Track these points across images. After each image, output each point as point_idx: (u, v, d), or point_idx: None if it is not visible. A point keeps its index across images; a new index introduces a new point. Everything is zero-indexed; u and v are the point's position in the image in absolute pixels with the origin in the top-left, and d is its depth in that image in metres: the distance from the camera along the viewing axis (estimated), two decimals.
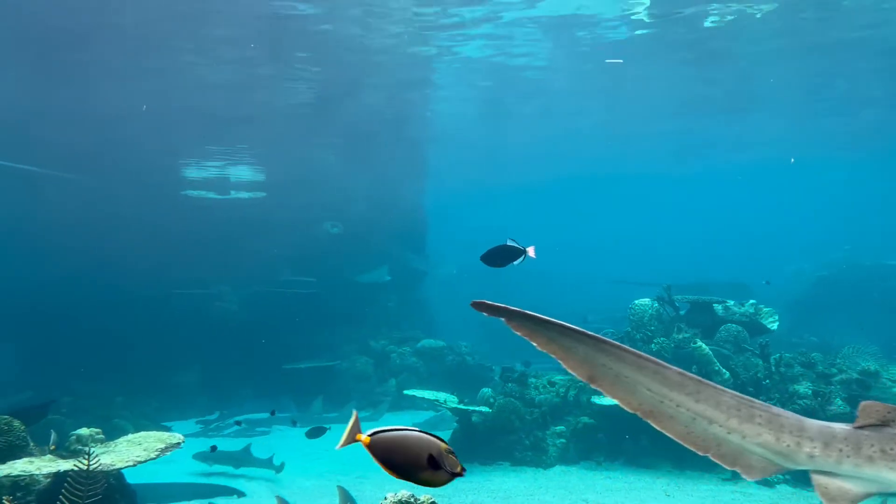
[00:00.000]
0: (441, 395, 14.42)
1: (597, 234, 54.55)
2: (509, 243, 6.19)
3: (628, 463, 12.84)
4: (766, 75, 21.61)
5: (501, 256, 6.14)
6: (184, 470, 12.52)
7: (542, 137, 30.04)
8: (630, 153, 36.57)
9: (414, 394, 15.16)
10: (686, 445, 2.97)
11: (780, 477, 11.53)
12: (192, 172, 24.64)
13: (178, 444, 6.53)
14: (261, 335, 20.44)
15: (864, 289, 26.13)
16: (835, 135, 31.48)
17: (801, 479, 11.39)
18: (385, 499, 5.44)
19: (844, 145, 33.93)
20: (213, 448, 12.46)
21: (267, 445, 15.92)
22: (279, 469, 13.00)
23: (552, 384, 14.62)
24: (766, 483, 11.46)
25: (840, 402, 12.16)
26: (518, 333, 3.11)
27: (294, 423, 16.47)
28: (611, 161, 39.49)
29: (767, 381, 12.82)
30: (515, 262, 6.11)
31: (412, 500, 5.39)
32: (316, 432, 10.68)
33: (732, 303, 14.93)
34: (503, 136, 30.71)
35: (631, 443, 13.00)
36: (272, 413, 15.11)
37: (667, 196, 51.84)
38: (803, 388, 12.54)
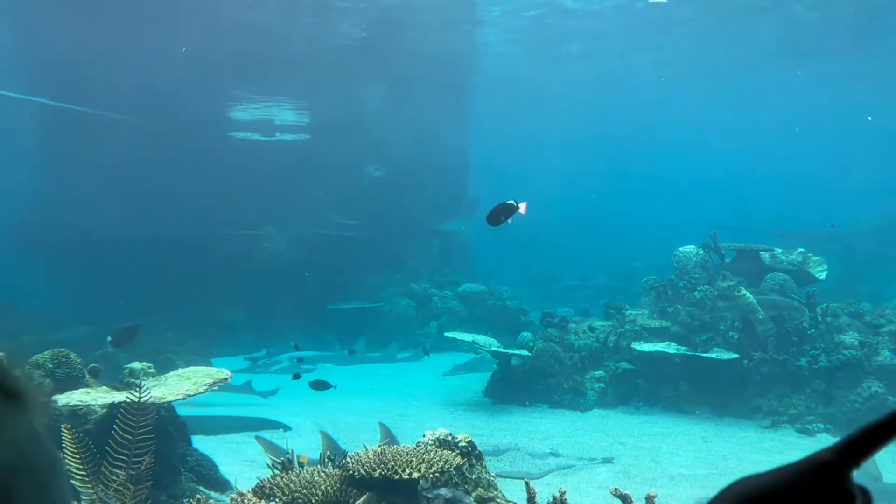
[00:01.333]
0: (481, 338, 14.60)
1: (646, 182, 53.45)
2: (509, 202, 6.22)
3: (667, 408, 12.90)
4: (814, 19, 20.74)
5: (499, 215, 6.17)
6: (232, 402, 13.04)
7: (588, 83, 29.58)
8: (679, 98, 35.76)
9: (454, 336, 15.38)
10: None
11: (821, 426, 11.49)
12: (238, 114, 24.85)
13: (226, 379, 6.78)
14: (306, 276, 20.87)
15: None
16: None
17: (840, 429, 11.31)
18: (424, 435, 5.61)
19: None
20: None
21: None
22: (323, 405, 13.44)
23: (592, 330, 14.65)
24: (806, 432, 11.43)
25: (888, 353, 11.94)
26: None
27: (351, 352, 17.23)
28: (661, 106, 38.61)
29: (812, 330, 12.61)
30: (508, 221, 6.14)
31: (450, 437, 5.53)
32: (320, 385, 10.79)
33: (780, 251, 14.61)
34: (549, 80, 30.22)
35: (670, 388, 13.03)
36: (350, 351, 15.11)
37: (721, 142, 50.44)
38: (849, 338, 12.33)
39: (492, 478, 5.51)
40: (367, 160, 24.13)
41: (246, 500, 5.01)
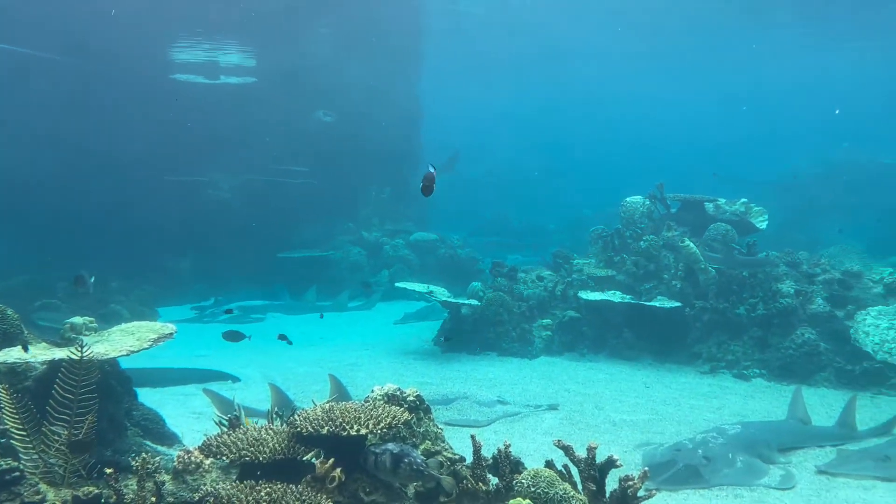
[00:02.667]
0: (432, 288, 14.68)
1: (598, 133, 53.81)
2: (430, 169, 6.21)
3: (611, 355, 13.28)
4: None
5: (429, 185, 6.17)
6: (179, 355, 12.90)
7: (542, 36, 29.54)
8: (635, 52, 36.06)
9: (406, 286, 15.43)
10: None
11: (756, 371, 11.99)
12: (180, 55, 23.89)
13: (171, 334, 6.65)
14: (254, 223, 20.54)
15: (857, 187, 26.12)
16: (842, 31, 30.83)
17: (775, 374, 11.84)
18: (372, 391, 5.64)
19: (851, 38, 33.18)
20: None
21: (261, 332, 16.36)
22: (273, 355, 13.43)
23: (541, 279, 14.87)
24: (743, 377, 11.92)
25: (821, 301, 12.44)
26: None
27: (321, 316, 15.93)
28: (614, 59, 38.73)
29: (751, 279, 13.03)
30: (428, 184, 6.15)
31: (398, 392, 5.58)
32: (233, 336, 10.47)
33: (724, 201, 14.95)
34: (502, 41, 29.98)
35: (615, 336, 13.40)
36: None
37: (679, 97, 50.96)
38: (786, 286, 12.79)
39: (439, 430, 5.60)
40: (316, 105, 23.61)
41: (192, 458, 4.99)
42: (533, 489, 4.69)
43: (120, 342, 6.34)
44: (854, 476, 7.52)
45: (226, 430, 5.15)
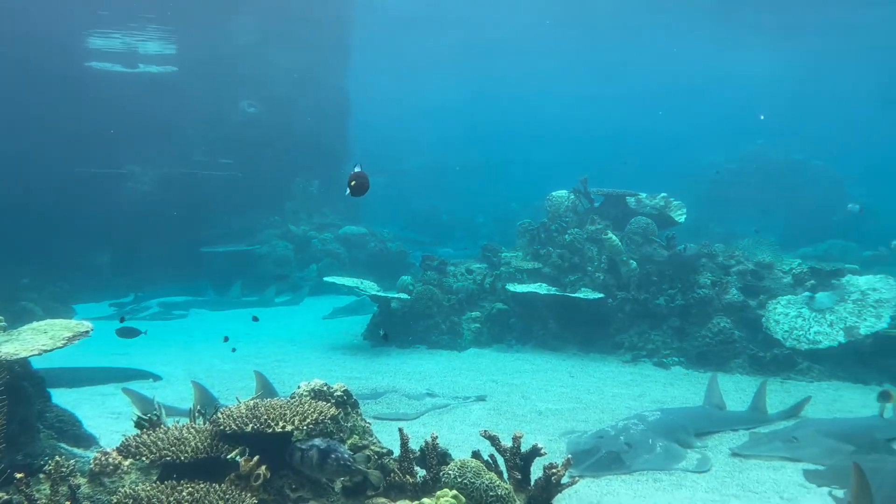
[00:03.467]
0: (361, 282, 14.61)
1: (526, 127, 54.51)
2: (357, 168, 6.11)
3: (538, 346, 13.53)
4: None
5: (361, 185, 6.03)
6: (97, 353, 12.42)
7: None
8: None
9: (335, 280, 15.31)
10: None
11: (675, 359, 12.44)
12: (96, 42, 22.91)
13: (87, 332, 6.41)
14: (176, 217, 19.93)
15: (770, 182, 27.39)
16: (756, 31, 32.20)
17: (692, 362, 12.32)
18: (299, 387, 5.59)
19: (763, 41, 34.71)
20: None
21: (185, 329, 15.94)
22: (196, 352, 13.10)
23: (470, 272, 15.00)
24: (662, 365, 12.35)
25: (735, 292, 13.00)
26: None
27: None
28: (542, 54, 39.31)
29: (670, 271, 13.51)
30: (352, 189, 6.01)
31: (325, 388, 5.55)
32: (127, 332, 10.02)
33: (645, 195, 15.41)
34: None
35: (541, 327, 13.65)
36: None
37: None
38: (703, 277, 13.31)
39: (367, 425, 5.60)
40: (240, 95, 23.08)
41: (110, 460, 4.84)
42: (460, 480, 4.75)
43: (31, 341, 6.07)
44: (765, 457, 7.92)
45: (146, 429, 5.00)
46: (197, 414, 5.40)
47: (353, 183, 5.87)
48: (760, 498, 6.91)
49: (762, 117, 29.60)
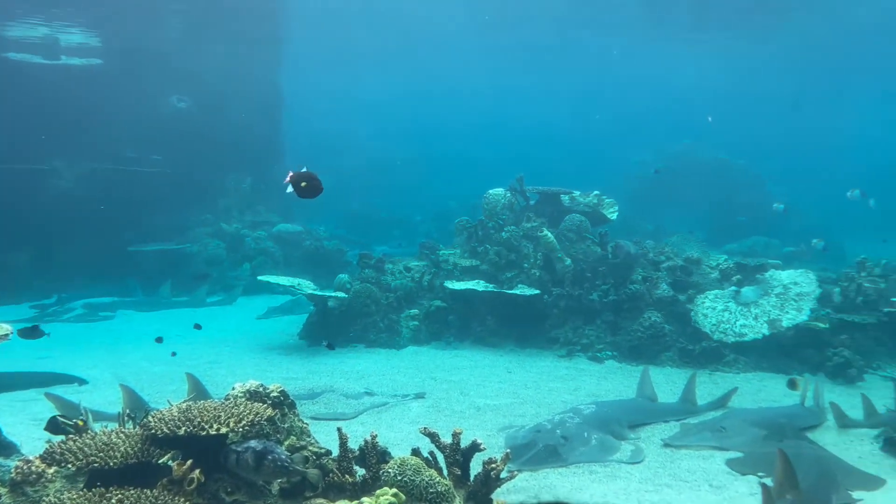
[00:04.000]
0: (297, 281, 14.39)
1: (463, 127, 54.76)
2: (303, 169, 5.98)
3: (476, 342, 13.61)
4: None
5: (314, 186, 5.89)
6: (18, 357, 11.85)
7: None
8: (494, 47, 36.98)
9: (269, 279, 15.03)
10: None
11: (608, 353, 12.72)
12: (13, 32, 21.83)
13: (6, 335, 6.12)
14: (102, 215, 19.20)
15: (696, 180, 28.29)
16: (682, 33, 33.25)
17: (625, 355, 12.62)
18: (233, 388, 5.46)
19: (690, 43, 35.88)
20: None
21: (111, 330, 15.38)
22: (124, 354, 12.65)
23: (408, 270, 14.97)
24: (596, 359, 12.60)
25: (665, 287, 13.38)
26: None
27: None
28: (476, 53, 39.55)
29: (603, 267, 13.81)
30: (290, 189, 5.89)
31: (261, 388, 5.44)
32: (29, 333, 9.04)
33: (578, 193, 15.70)
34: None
35: (479, 324, 13.74)
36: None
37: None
38: (635, 273, 13.65)
39: (305, 425, 5.51)
40: (169, 90, 22.39)
41: (33, 468, 4.62)
42: (400, 478, 4.74)
43: None
44: (695, 447, 8.18)
45: (71, 435, 4.79)
46: (126, 418, 5.21)
47: (304, 185, 5.69)
48: (691, 487, 7.14)
49: (710, 119, 30.42)
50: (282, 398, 5.46)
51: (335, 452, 5.17)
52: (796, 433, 8.45)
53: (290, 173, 5.79)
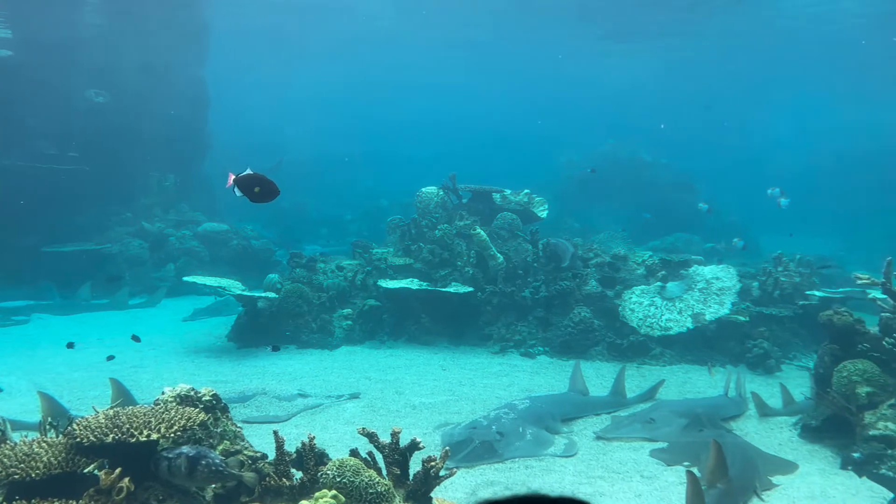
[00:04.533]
0: (225, 281, 14.03)
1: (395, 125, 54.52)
2: (249, 171, 5.74)
3: (410, 341, 13.58)
4: None
5: (268, 190, 5.65)
6: None
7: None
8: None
9: (195, 280, 14.60)
10: None
11: (540, 349, 12.92)
12: None
13: None
14: (14, 214, 18.21)
15: (620, 179, 29.02)
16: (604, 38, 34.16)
17: (557, 351, 12.84)
18: (163, 393, 5.27)
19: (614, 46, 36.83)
20: None
21: (26, 336, 14.63)
22: (41, 360, 12.04)
23: (341, 269, 14.81)
24: (529, 355, 12.78)
25: (594, 283, 13.69)
26: None
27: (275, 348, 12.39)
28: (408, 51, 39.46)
29: (535, 263, 14.02)
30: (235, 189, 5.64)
31: (192, 392, 5.27)
32: None
33: (510, 192, 15.88)
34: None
35: (413, 322, 13.71)
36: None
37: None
38: (565, 270, 13.89)
39: (238, 429, 5.37)
40: (86, 84, 21.41)
41: None
42: (339, 479, 4.67)
43: None
44: (625, 439, 8.40)
45: None
46: (48, 426, 4.95)
47: (257, 190, 5.40)
48: (623, 478, 7.32)
49: (662, 126, 31.05)
50: (214, 402, 5.31)
51: (271, 456, 5.06)
52: (721, 423, 8.78)
53: (231, 175, 5.53)
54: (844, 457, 7.68)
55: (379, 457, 5.29)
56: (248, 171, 5.54)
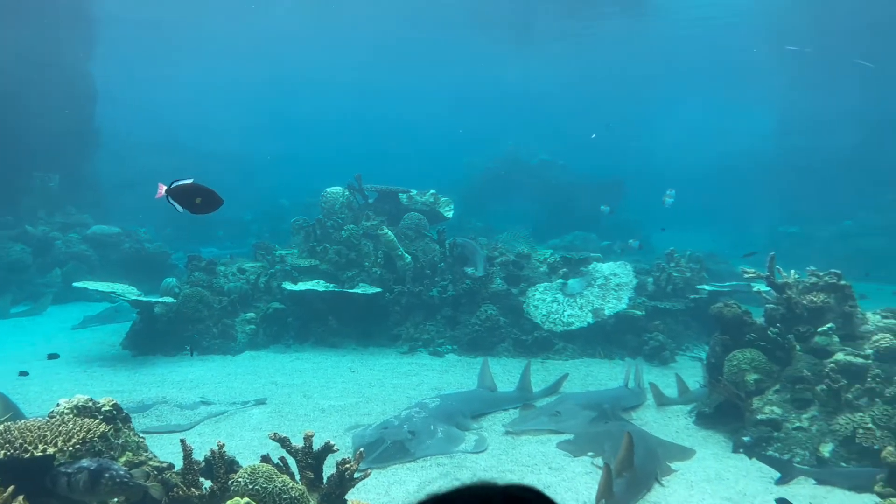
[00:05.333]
0: (118, 287, 13.34)
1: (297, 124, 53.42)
2: (188, 181, 5.42)
3: (317, 344, 13.38)
4: None
5: (209, 200, 5.33)
6: None
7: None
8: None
9: (85, 285, 13.82)
10: None
11: (449, 347, 13.03)
12: None
13: None
14: None
15: (518, 180, 29.71)
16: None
17: (465, 348, 13.00)
18: (58, 404, 4.96)
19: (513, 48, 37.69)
20: None
21: None
22: None
23: (243, 271, 14.41)
24: (437, 353, 12.87)
25: (500, 281, 13.94)
26: None
27: None
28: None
29: (442, 264, 14.13)
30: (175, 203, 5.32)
31: (91, 403, 5.00)
32: None
33: (416, 192, 15.92)
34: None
35: (320, 325, 13.51)
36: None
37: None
38: (471, 269, 14.07)
39: (141, 439, 5.13)
40: None
41: None
42: (251, 486, 4.56)
43: None
44: (533, 432, 8.61)
45: None
46: None
47: (199, 201, 5.04)
48: (532, 470, 7.50)
49: (609, 125, 31.71)
50: (115, 412, 5.06)
51: (178, 466, 4.87)
52: (622, 414, 9.16)
53: (162, 186, 5.12)
54: (736, 441, 8.18)
55: (292, 461, 5.19)
56: (186, 181, 5.19)
